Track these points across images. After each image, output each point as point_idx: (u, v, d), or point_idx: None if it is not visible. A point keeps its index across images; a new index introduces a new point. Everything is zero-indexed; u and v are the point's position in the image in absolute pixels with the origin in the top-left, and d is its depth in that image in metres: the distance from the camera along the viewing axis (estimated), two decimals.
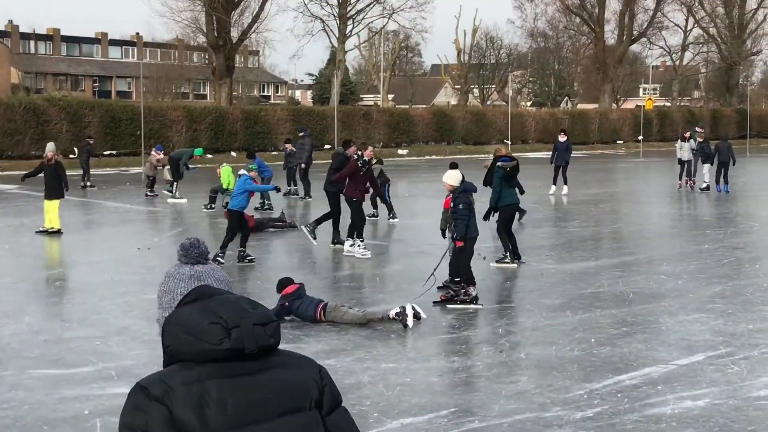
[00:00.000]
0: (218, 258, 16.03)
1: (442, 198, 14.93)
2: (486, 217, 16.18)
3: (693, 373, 9.34)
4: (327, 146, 45.64)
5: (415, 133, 57.23)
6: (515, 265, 15.74)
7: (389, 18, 69.49)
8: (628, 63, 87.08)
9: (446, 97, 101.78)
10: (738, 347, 10.37)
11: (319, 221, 18.48)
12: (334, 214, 18.32)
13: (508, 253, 15.90)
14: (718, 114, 73.17)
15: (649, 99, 76.01)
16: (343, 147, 19.41)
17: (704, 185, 31.12)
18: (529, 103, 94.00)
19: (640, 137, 58.05)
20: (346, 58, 73.26)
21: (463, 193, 13.29)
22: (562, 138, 30.29)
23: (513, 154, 17.01)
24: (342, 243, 17.78)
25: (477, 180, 15.01)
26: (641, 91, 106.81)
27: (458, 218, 13.01)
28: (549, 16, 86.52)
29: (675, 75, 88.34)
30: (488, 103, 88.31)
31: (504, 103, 73.88)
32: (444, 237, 14.50)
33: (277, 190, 18.45)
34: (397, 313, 11.27)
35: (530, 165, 47.22)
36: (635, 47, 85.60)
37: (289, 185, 28.44)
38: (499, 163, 16.26)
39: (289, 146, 29.17)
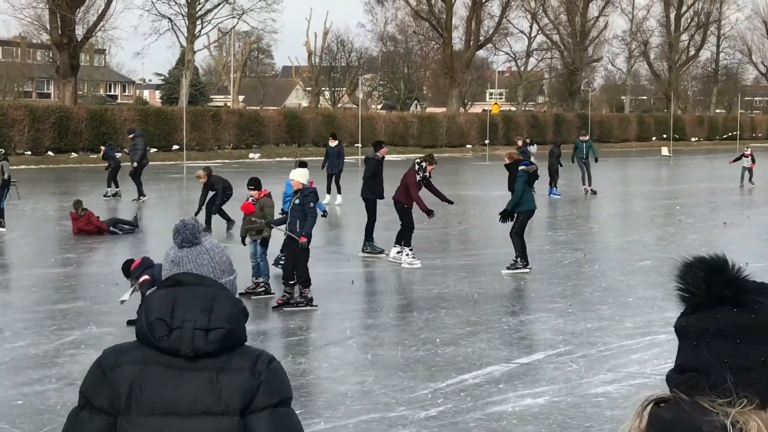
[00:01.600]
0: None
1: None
2: (504, 219, 16.01)
3: (534, 372, 9.60)
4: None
5: (265, 135, 56.96)
6: (528, 270, 15.46)
7: (239, 18, 69.07)
8: (475, 68, 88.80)
9: (297, 99, 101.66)
10: (577, 345, 10.70)
11: (370, 234, 17.99)
12: (370, 222, 17.96)
13: (519, 259, 15.71)
14: (560, 119, 75.23)
15: (495, 103, 77.58)
16: (374, 149, 19.22)
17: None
18: (379, 106, 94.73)
19: (487, 141, 59.27)
20: (196, 58, 72.45)
21: (311, 193, 13.33)
22: (332, 143, 27.99)
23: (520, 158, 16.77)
24: (380, 252, 17.50)
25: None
26: (488, 95, 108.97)
27: (311, 215, 13.04)
28: (399, 21, 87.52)
29: (520, 80, 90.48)
30: (339, 105, 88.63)
31: (355, 106, 74.26)
32: (244, 244, 13.87)
33: (325, 214, 17.39)
34: None
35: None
36: (482, 53, 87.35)
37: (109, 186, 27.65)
38: (521, 167, 15.99)
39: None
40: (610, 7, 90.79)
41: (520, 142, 33.71)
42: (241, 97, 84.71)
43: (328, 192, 26.80)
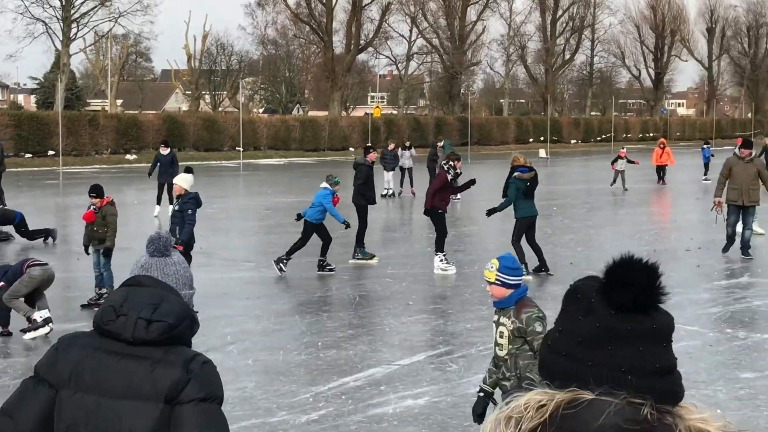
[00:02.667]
0: (282, 263, 15.69)
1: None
2: (488, 213, 16.59)
3: (414, 373, 9.68)
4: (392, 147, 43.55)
5: (144, 139, 56.05)
6: (530, 278, 15.08)
7: (116, 21, 67.82)
8: (356, 71, 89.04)
9: (177, 102, 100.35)
10: (457, 346, 10.83)
11: (361, 240, 17.65)
12: (361, 228, 17.69)
13: (522, 266, 15.55)
14: (441, 122, 75.97)
15: (377, 107, 78.02)
16: (363, 154, 19.00)
17: (386, 191, 31.24)
18: (261, 110, 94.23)
19: (369, 144, 59.47)
20: (72, 61, 70.94)
21: (191, 199, 13.19)
22: (164, 150, 25.75)
23: (527, 163, 16.42)
24: (369, 257, 17.38)
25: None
26: (369, 99, 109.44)
27: (188, 222, 12.91)
28: (279, 24, 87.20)
29: (401, 84, 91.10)
30: (220, 109, 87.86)
31: (236, 110, 73.75)
32: (87, 253, 13.54)
33: (347, 225, 16.95)
34: (30, 320, 11.12)
35: (262, 171, 47.46)
36: (363, 56, 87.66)
37: None
38: (515, 174, 15.91)
39: None
40: (488, 12, 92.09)
41: (391, 146, 33.94)
42: (119, 102, 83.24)
43: (158, 203, 24.88)
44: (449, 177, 16.53)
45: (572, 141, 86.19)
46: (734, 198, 17.72)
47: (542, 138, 77.32)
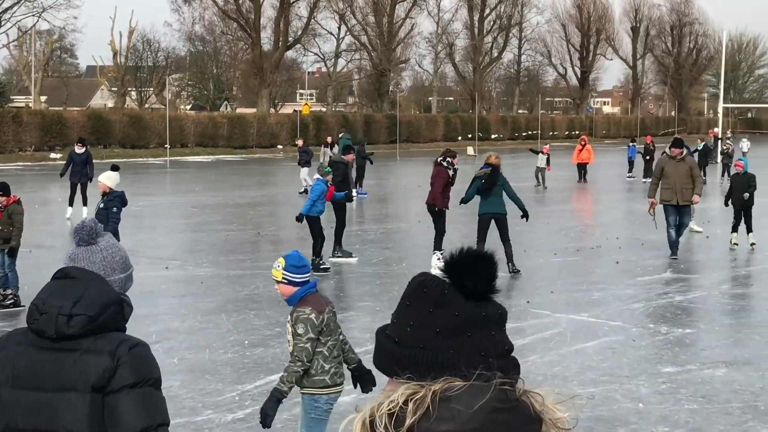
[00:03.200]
0: (321, 265, 15.80)
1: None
2: (461, 202, 16.59)
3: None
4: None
5: (69, 136, 55.06)
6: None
7: (39, 16, 66.79)
8: (285, 68, 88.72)
9: (103, 99, 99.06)
10: None
11: (339, 238, 17.56)
12: (340, 226, 17.56)
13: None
14: (370, 119, 76.06)
15: (306, 104, 77.82)
16: (341, 153, 18.75)
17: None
18: (188, 107, 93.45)
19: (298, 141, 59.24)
20: None
21: (117, 198, 13.05)
22: (79, 149, 23.87)
23: (495, 162, 16.44)
24: (347, 255, 17.22)
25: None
26: (298, 96, 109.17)
27: (112, 220, 12.77)
28: (207, 21, 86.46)
29: (330, 81, 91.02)
30: (146, 106, 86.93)
31: (162, 107, 73.02)
32: None
33: (349, 199, 16.89)
34: None
35: (189, 169, 47.05)
36: (291, 53, 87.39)
37: None
38: (477, 172, 16.24)
39: None
40: (417, 9, 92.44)
41: (300, 142, 34.09)
42: (43, 98, 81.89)
43: (71, 204, 23.37)
44: (450, 173, 16.78)
45: (502, 139, 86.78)
46: (668, 198, 17.54)
47: (470, 135, 77.80)
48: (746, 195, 18.58)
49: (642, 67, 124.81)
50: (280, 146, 66.27)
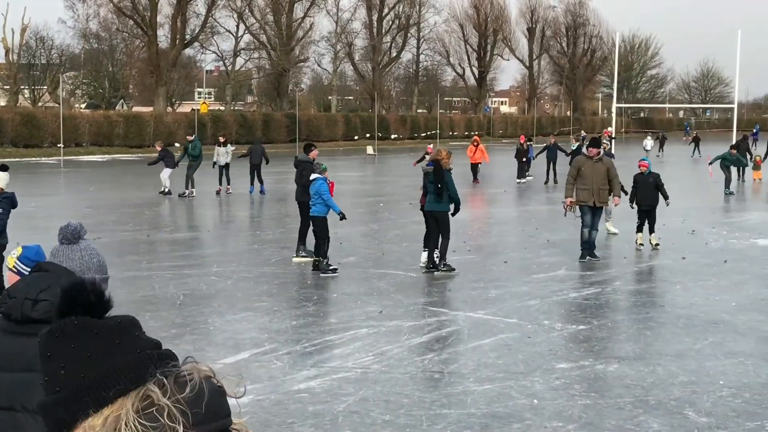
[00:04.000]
0: (329, 267, 15.80)
1: None
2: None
3: (238, 371, 9.59)
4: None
5: None
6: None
7: None
8: (182, 66, 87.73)
9: None
10: (282, 343, 10.81)
11: (303, 238, 17.46)
12: (305, 226, 17.41)
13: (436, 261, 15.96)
14: (269, 118, 75.68)
15: (204, 103, 77.05)
16: (305, 152, 18.51)
17: (164, 189, 30.59)
18: (83, 105, 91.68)
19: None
20: None
21: (6, 199, 12.73)
22: None
23: (438, 157, 16.51)
24: (310, 255, 16.83)
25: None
26: (196, 94, 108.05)
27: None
28: (101, 18, 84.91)
29: (228, 80, 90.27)
30: (40, 104, 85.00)
31: (56, 105, 71.48)
32: None
33: (342, 217, 16.51)
34: None
35: (84, 168, 46.20)
36: (189, 51, 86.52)
37: None
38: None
39: None
40: (315, 9, 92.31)
41: (158, 146, 33.88)
42: None
43: None
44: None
45: (393, 136, 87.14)
46: (585, 199, 17.24)
47: (368, 135, 78.00)
48: (667, 202, 18.65)
49: (538, 67, 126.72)
50: (177, 144, 65.41)
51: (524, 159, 38.37)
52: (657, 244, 18.62)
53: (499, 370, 9.74)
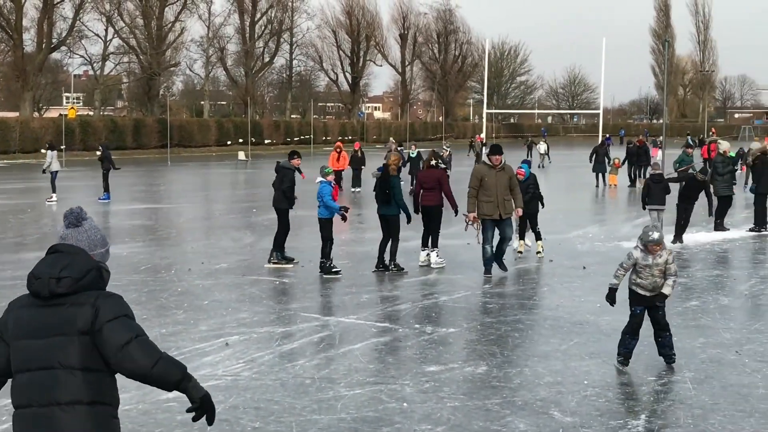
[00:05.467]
0: (333, 268, 16.13)
1: None
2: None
3: None
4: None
5: None
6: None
7: None
8: (49, 71, 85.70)
9: None
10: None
11: (280, 244, 17.34)
12: (282, 232, 17.30)
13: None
14: (140, 123, 74.48)
15: (72, 108, 75.34)
16: (289, 158, 18.12)
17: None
18: None
19: (63, 147, 57.33)
20: None
21: None
22: None
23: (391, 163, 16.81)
24: (288, 261, 17.04)
25: None
26: (64, 99, 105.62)
27: None
28: None
29: (97, 84, 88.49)
30: None
31: None
32: None
33: (345, 214, 16.78)
34: None
35: None
36: (56, 55, 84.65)
37: None
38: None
39: None
40: (187, 13, 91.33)
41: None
42: None
43: None
44: (449, 173, 17.40)
45: (267, 141, 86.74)
46: (489, 212, 15.86)
47: (241, 140, 77.45)
48: (540, 206, 18.59)
49: (411, 73, 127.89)
50: (43, 150, 63.77)
51: (358, 168, 37.06)
52: (539, 252, 18.40)
53: (370, 375, 9.79)
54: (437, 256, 17.24)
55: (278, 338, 11.33)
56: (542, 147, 59.28)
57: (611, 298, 10.27)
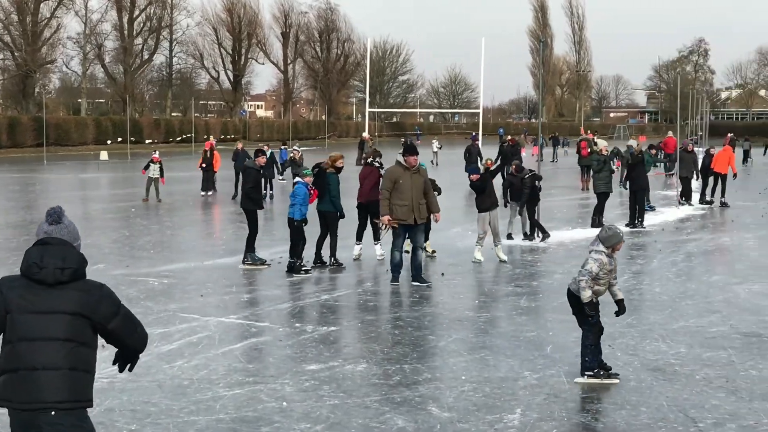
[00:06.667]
0: (302, 267, 16.27)
1: None
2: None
3: None
4: None
5: None
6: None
7: None
8: None
9: None
10: None
11: (251, 245, 17.12)
12: (252, 233, 17.05)
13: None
14: (15, 121, 72.47)
15: None
16: (254, 157, 17.82)
17: None
18: None
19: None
20: None
21: None
22: None
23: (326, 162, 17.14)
24: (261, 262, 16.93)
25: None
26: None
27: None
28: None
29: None
30: None
31: None
32: None
33: (305, 222, 16.52)
34: None
35: None
36: None
37: None
38: None
39: None
40: (63, 9, 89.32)
41: None
42: None
43: None
44: (381, 172, 17.21)
45: (148, 141, 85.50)
46: (404, 216, 14.92)
47: (120, 139, 76.14)
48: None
49: (293, 71, 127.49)
50: None
51: (207, 170, 33.52)
52: (433, 251, 18.41)
53: (250, 375, 9.75)
54: (380, 247, 17.89)
55: (156, 339, 11.18)
56: (435, 145, 59.94)
57: (596, 310, 9.62)
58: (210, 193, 32.96)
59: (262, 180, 17.83)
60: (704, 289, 15.08)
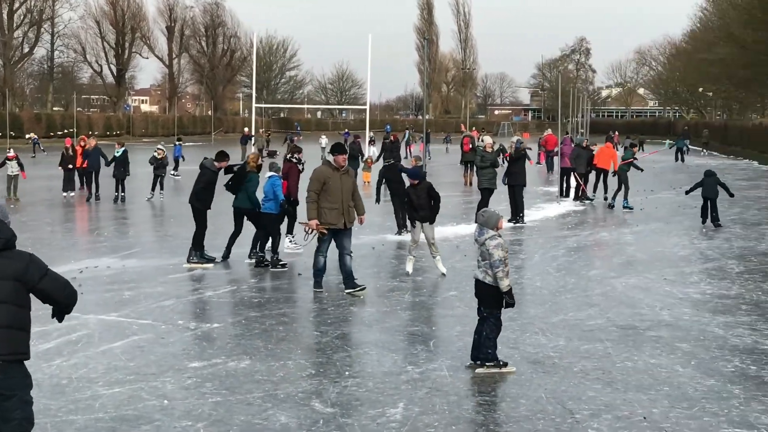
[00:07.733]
0: (280, 262, 16.49)
1: None
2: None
3: None
4: None
5: None
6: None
7: None
8: None
9: None
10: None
11: (200, 243, 16.90)
12: (200, 231, 16.85)
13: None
14: None
15: None
16: (215, 159, 17.23)
17: None
18: None
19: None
20: None
21: None
22: None
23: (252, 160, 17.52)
24: (208, 260, 16.77)
25: None
26: None
27: None
28: None
29: None
30: None
31: None
32: None
33: (282, 207, 16.87)
34: None
35: None
36: None
37: None
38: None
39: None
40: None
41: None
42: None
43: None
44: (300, 168, 18.12)
45: (28, 136, 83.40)
46: (334, 220, 13.99)
47: (0, 134, 74.11)
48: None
49: (179, 66, 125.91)
50: None
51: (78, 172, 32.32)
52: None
53: (130, 373, 9.62)
54: (290, 242, 18.51)
55: (33, 338, 10.92)
56: (322, 141, 59.89)
57: (511, 297, 9.87)
58: (72, 193, 31.66)
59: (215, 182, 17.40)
60: (583, 283, 15.42)
